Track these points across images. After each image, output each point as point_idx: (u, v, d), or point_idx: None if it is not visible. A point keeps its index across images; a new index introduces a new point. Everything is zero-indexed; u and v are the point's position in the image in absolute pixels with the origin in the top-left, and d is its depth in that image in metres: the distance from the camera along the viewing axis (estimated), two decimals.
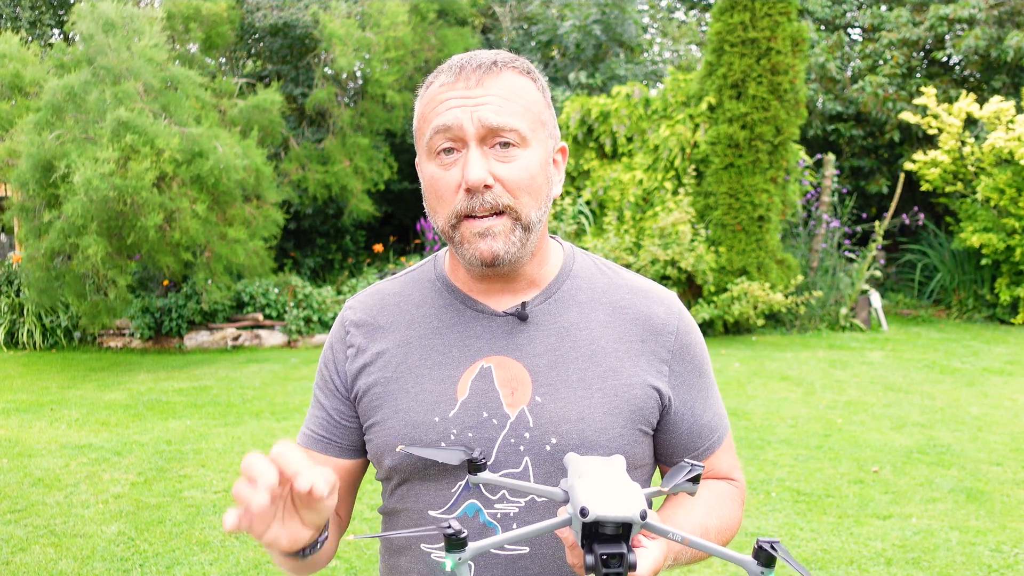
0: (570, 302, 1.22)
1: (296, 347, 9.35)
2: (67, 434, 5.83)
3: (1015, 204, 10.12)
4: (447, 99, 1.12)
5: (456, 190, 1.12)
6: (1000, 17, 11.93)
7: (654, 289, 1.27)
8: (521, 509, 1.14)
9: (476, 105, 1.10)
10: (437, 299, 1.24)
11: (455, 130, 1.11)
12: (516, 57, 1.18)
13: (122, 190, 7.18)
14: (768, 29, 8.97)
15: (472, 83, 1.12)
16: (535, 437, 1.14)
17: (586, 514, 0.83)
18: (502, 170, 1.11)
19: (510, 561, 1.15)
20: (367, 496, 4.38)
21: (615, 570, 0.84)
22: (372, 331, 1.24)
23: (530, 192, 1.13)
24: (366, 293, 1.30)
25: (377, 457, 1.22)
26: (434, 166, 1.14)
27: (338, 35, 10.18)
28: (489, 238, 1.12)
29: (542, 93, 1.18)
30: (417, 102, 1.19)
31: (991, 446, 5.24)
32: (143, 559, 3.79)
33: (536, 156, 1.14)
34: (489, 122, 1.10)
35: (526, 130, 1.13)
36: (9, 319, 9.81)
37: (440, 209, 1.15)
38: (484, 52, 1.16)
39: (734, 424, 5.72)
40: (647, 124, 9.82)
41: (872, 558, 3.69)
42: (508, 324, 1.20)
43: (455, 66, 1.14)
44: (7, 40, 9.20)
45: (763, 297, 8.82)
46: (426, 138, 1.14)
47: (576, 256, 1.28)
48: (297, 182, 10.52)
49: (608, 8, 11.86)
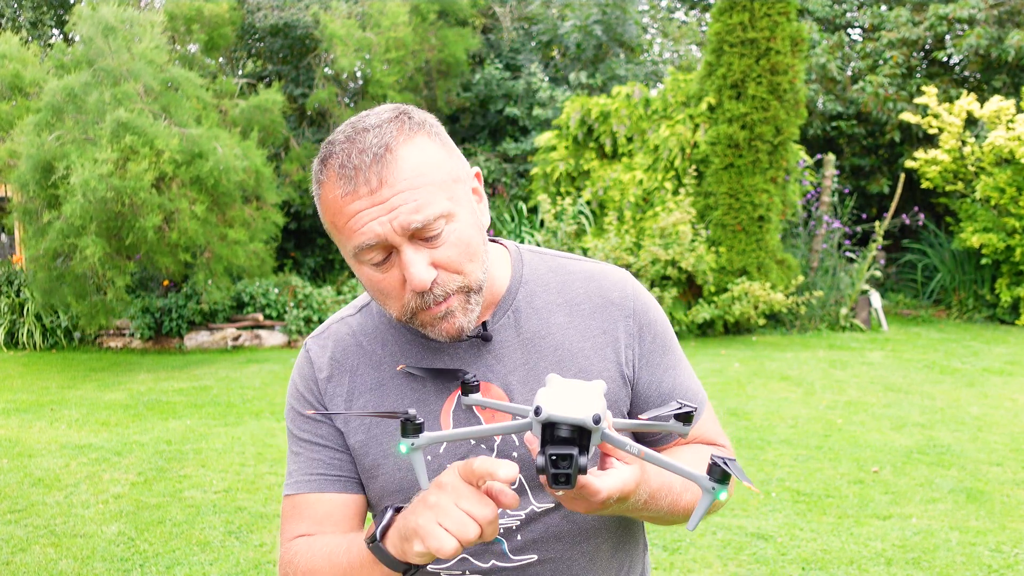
0: (528, 310, 1.21)
1: (296, 347, 9.35)
2: (67, 434, 5.83)
3: (1015, 204, 10.12)
4: (356, 212, 1.04)
5: (402, 287, 1.08)
6: (1000, 17, 11.93)
7: (606, 272, 1.26)
8: (522, 521, 1.16)
9: (390, 211, 1.03)
10: (397, 336, 1.22)
11: (380, 245, 1.06)
12: (395, 116, 1.08)
13: (120, 191, 7.19)
14: (768, 29, 8.97)
15: (374, 184, 1.03)
16: (524, 453, 1.16)
17: (539, 412, 0.84)
18: (440, 255, 1.07)
19: (519, 571, 1.16)
20: None
21: (563, 471, 0.83)
22: (340, 375, 1.22)
23: (471, 258, 1.10)
24: (323, 336, 1.26)
25: (376, 501, 1.22)
26: (368, 270, 1.10)
27: (339, 35, 10.19)
28: (449, 317, 1.10)
29: (438, 140, 1.10)
30: (317, 202, 1.11)
31: (991, 446, 5.24)
32: (143, 559, 3.79)
33: (465, 221, 1.09)
34: (411, 224, 1.04)
35: (447, 205, 1.06)
36: (9, 319, 9.82)
37: (390, 304, 1.11)
38: (366, 134, 1.06)
39: (734, 424, 5.73)
40: (647, 124, 9.83)
41: (872, 558, 3.69)
42: (473, 347, 1.19)
43: (348, 169, 1.04)
44: (7, 41, 9.21)
45: (764, 297, 8.83)
46: (349, 252, 1.09)
47: (524, 259, 1.25)
48: (298, 182, 10.53)
49: (609, 8, 11.86)
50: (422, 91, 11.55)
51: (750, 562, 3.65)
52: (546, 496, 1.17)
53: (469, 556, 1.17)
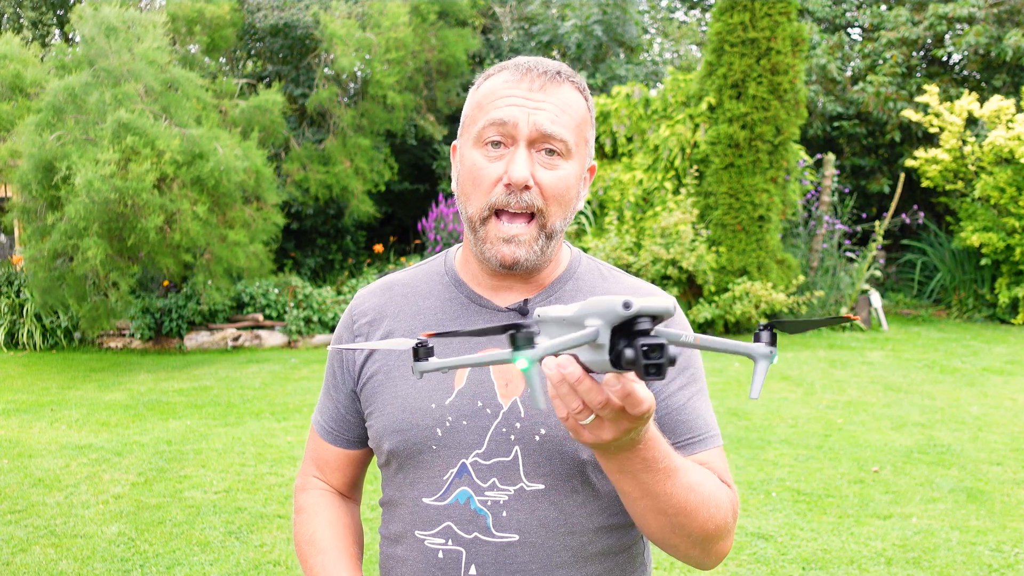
0: (569, 302, 1.24)
1: (296, 347, 9.35)
2: (67, 434, 5.83)
3: (1015, 203, 10.12)
4: (508, 95, 1.17)
5: (495, 183, 1.17)
6: (999, 16, 11.93)
7: (651, 292, 1.31)
8: (511, 496, 1.17)
9: (534, 108, 1.15)
10: (443, 292, 1.29)
11: (509, 127, 1.15)
12: (575, 73, 1.23)
13: (123, 191, 7.19)
14: (768, 29, 8.97)
15: (535, 87, 1.17)
16: (525, 427, 1.18)
17: (629, 306, 0.82)
18: (543, 175, 1.16)
19: (500, 548, 1.17)
20: (366, 496, 4.38)
21: (656, 361, 0.82)
22: (378, 320, 1.30)
23: (561, 202, 1.19)
24: (376, 284, 1.36)
25: (377, 442, 1.27)
26: (479, 154, 1.18)
27: (339, 36, 10.18)
28: (513, 244, 1.17)
29: (590, 113, 1.24)
30: (473, 91, 1.23)
31: (991, 446, 5.24)
32: (143, 559, 3.79)
33: (574, 169, 1.20)
34: (543, 128, 1.15)
35: (572, 143, 1.18)
36: (9, 320, 9.82)
37: (475, 197, 1.19)
38: (549, 61, 1.21)
39: (734, 424, 5.72)
40: (647, 124, 9.83)
41: (872, 558, 3.69)
42: (508, 319, 1.24)
43: (521, 67, 1.19)
44: (8, 41, 9.21)
45: (766, 297, 8.83)
46: (478, 126, 1.18)
47: (581, 260, 1.33)
48: (299, 182, 10.53)
49: (609, 8, 11.87)
50: (422, 91, 11.55)
51: (750, 562, 3.65)
52: (538, 476, 1.17)
53: (453, 524, 1.18)
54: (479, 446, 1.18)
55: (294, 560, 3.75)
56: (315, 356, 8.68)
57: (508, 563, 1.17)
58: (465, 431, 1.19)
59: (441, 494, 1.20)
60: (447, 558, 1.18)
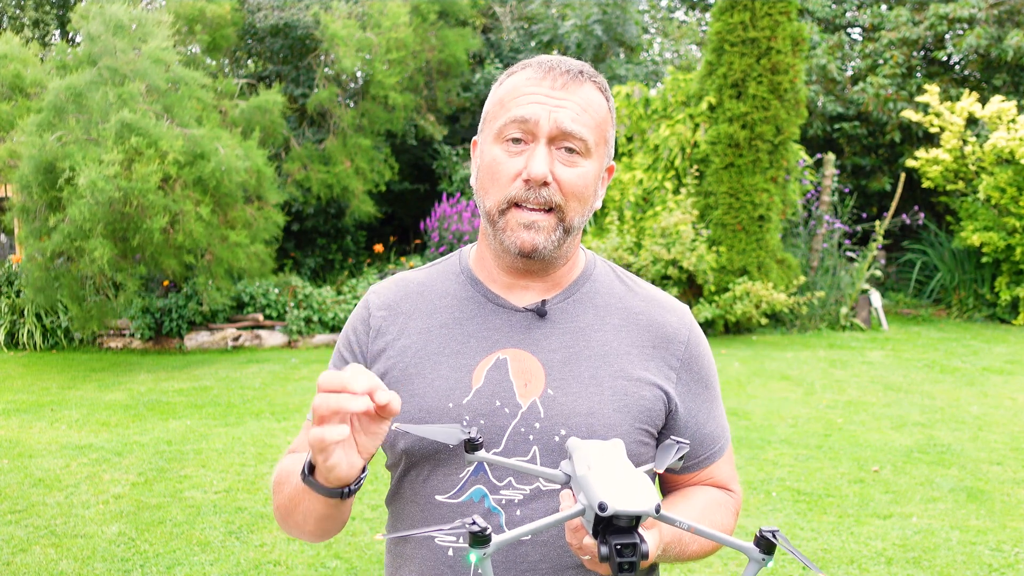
0: (587, 304, 1.27)
1: (296, 347, 9.35)
2: (67, 434, 5.83)
3: (1015, 203, 10.12)
4: (530, 93, 1.18)
5: (514, 178, 1.18)
6: (1000, 16, 11.93)
7: (668, 300, 1.32)
8: (526, 496, 1.17)
9: (556, 106, 1.17)
10: (460, 291, 1.29)
11: (531, 124, 1.17)
12: (598, 73, 1.25)
13: (128, 192, 7.18)
14: (768, 29, 8.97)
15: (558, 85, 1.18)
16: (545, 428, 1.18)
17: (605, 508, 0.85)
18: (562, 172, 1.18)
19: (511, 547, 1.17)
20: (368, 496, 4.38)
21: (628, 559, 0.86)
22: (394, 316, 1.29)
23: (580, 199, 1.20)
24: (391, 280, 1.35)
25: (391, 441, 1.24)
26: (499, 149, 1.20)
27: (339, 36, 10.18)
28: (533, 231, 1.18)
29: (611, 113, 1.25)
30: (495, 88, 1.25)
31: (991, 445, 5.24)
32: (143, 559, 3.79)
33: (593, 168, 1.21)
34: (564, 126, 1.17)
35: (592, 142, 1.20)
36: (9, 320, 9.82)
37: (493, 191, 1.20)
38: (572, 60, 1.23)
39: (734, 424, 5.72)
40: (647, 124, 9.83)
41: (872, 558, 3.69)
42: (526, 319, 1.25)
43: (544, 65, 1.20)
44: (8, 40, 9.20)
45: (767, 297, 8.83)
46: (499, 122, 1.20)
47: (597, 263, 1.34)
48: (300, 182, 10.53)
49: (609, 8, 11.87)
50: (422, 91, 11.54)
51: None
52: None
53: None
54: (496, 445, 1.18)
55: (294, 560, 3.75)
56: (315, 356, 8.68)
57: (519, 562, 1.17)
58: (483, 430, 1.18)
59: (455, 492, 1.19)
60: (457, 556, 1.19)
